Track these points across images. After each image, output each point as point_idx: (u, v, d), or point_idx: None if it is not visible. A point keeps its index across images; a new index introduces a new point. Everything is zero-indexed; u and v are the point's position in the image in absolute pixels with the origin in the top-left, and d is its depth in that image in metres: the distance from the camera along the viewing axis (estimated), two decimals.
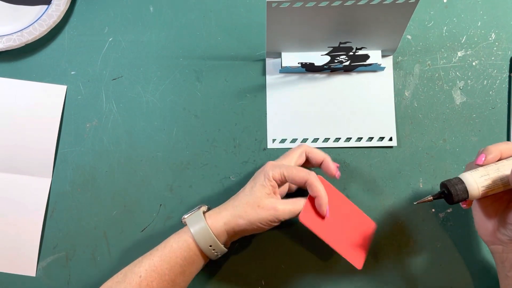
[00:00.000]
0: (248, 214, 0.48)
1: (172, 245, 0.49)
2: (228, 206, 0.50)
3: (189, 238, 0.49)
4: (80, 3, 0.62)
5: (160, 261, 0.48)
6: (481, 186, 0.44)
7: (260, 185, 0.49)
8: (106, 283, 0.49)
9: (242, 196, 0.50)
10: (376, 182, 0.58)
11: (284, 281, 0.57)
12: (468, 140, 0.58)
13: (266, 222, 0.48)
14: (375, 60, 0.57)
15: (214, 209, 0.51)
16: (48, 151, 0.59)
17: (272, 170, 0.49)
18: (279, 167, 0.49)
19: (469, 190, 0.45)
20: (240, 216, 0.48)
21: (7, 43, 0.58)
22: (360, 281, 0.56)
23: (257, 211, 0.48)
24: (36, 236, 0.58)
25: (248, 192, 0.49)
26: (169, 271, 0.48)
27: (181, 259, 0.48)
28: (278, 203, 0.48)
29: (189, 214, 0.51)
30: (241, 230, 0.49)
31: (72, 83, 0.60)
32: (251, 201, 0.48)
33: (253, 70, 0.60)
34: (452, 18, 0.60)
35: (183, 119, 0.59)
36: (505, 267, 0.48)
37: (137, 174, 0.59)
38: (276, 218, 0.48)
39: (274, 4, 0.48)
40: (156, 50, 0.61)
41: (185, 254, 0.48)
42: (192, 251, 0.49)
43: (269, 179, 0.49)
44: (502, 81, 0.59)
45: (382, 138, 0.58)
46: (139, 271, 0.48)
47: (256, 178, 0.50)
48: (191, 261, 0.49)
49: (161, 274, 0.48)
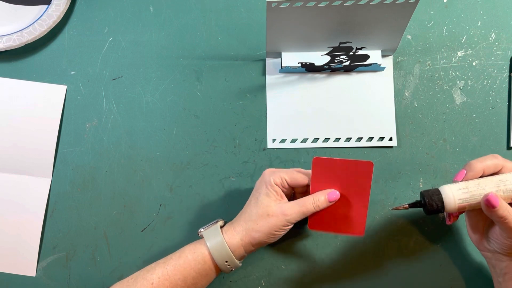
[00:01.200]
0: (260, 226, 0.48)
1: (187, 256, 0.49)
2: (240, 221, 0.50)
3: (205, 251, 0.48)
4: (80, 3, 0.62)
5: (174, 270, 0.48)
6: (458, 199, 0.44)
7: (264, 194, 0.49)
8: (116, 285, 0.49)
9: (250, 209, 0.50)
10: (376, 182, 0.58)
11: (284, 281, 0.57)
12: (468, 140, 0.58)
13: (279, 228, 0.48)
14: (375, 60, 0.57)
15: (229, 224, 0.51)
16: (48, 151, 0.59)
17: (271, 176, 0.49)
18: (278, 171, 0.49)
19: (446, 202, 0.45)
20: (253, 230, 0.48)
21: (7, 43, 0.58)
22: (360, 281, 0.56)
23: (268, 221, 0.48)
24: (36, 236, 0.58)
25: (254, 204, 0.49)
26: (182, 281, 0.48)
27: (195, 271, 0.48)
28: (286, 207, 0.48)
29: (206, 227, 0.51)
30: (258, 243, 0.49)
31: (72, 83, 0.60)
32: (260, 212, 0.48)
33: (253, 70, 0.60)
34: (452, 18, 0.60)
35: (183, 119, 0.59)
36: (497, 273, 0.49)
37: (137, 174, 0.59)
38: (287, 222, 0.48)
39: (274, 4, 0.48)
40: (156, 50, 0.61)
41: (199, 267, 0.48)
42: (207, 264, 0.49)
43: (271, 186, 0.48)
44: (502, 81, 0.59)
45: (382, 138, 0.58)
46: (151, 278, 0.48)
47: (258, 189, 0.50)
48: (204, 274, 0.49)
49: (174, 284, 0.48)
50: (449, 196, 0.45)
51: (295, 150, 0.59)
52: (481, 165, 0.45)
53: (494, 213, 0.43)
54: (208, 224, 0.52)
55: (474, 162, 0.46)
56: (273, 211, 0.48)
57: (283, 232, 0.49)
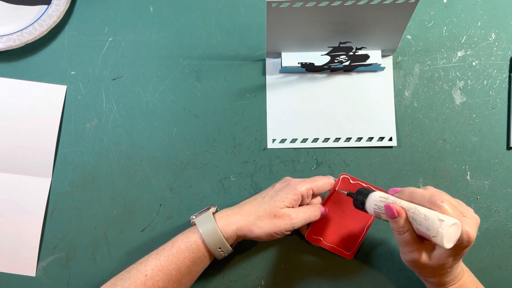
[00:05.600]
0: (264, 223, 0.48)
1: (180, 245, 0.49)
2: (242, 210, 0.50)
3: (198, 239, 0.49)
4: (80, 3, 0.62)
5: (167, 261, 0.48)
6: (373, 204, 0.46)
7: (283, 195, 0.49)
8: (110, 280, 0.49)
9: (259, 204, 0.50)
10: (376, 182, 0.58)
11: (284, 281, 0.57)
12: (468, 140, 0.58)
13: (281, 232, 0.49)
14: (375, 60, 0.57)
15: (225, 211, 0.51)
16: (48, 151, 0.59)
17: (298, 185, 0.50)
18: (304, 181, 0.51)
19: (367, 204, 0.47)
20: (255, 224, 0.49)
21: (7, 43, 0.58)
22: (360, 281, 0.56)
23: (272, 221, 0.48)
24: (36, 236, 0.58)
25: (267, 201, 0.50)
26: (176, 271, 0.48)
27: (189, 260, 0.48)
28: (292, 212, 0.49)
29: (198, 214, 0.51)
30: (253, 237, 0.49)
31: (72, 83, 0.60)
32: (269, 210, 0.49)
33: (253, 70, 0.60)
34: (452, 18, 0.60)
35: (183, 119, 0.59)
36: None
37: (137, 174, 0.59)
38: (291, 227, 0.49)
39: (274, 4, 0.48)
40: (156, 50, 0.61)
41: (193, 256, 0.48)
42: (200, 252, 0.49)
43: (295, 193, 0.49)
44: (502, 81, 0.59)
45: (382, 138, 0.58)
46: (145, 269, 0.48)
47: (278, 191, 0.50)
48: (198, 261, 0.49)
49: (168, 274, 0.48)
50: (369, 200, 0.47)
51: (295, 150, 0.59)
52: (416, 195, 0.44)
53: (391, 223, 0.44)
54: (199, 211, 0.52)
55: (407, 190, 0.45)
56: (281, 213, 0.49)
57: (281, 236, 0.50)
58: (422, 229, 0.42)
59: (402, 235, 0.43)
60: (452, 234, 0.40)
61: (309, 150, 0.59)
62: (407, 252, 0.44)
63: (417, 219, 0.42)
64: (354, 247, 0.55)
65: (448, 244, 0.40)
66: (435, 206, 0.42)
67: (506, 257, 0.57)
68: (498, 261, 0.57)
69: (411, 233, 0.43)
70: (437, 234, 0.40)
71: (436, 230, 0.40)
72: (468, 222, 0.42)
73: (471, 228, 0.41)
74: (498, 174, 0.58)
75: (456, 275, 0.46)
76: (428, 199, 0.42)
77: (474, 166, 0.58)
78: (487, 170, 0.58)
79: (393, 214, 0.43)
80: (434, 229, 0.40)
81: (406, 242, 0.44)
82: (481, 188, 0.58)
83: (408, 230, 0.43)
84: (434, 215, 0.41)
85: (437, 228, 0.40)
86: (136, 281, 0.47)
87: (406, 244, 0.44)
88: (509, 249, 0.57)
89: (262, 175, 0.58)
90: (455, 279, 0.46)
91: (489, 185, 0.58)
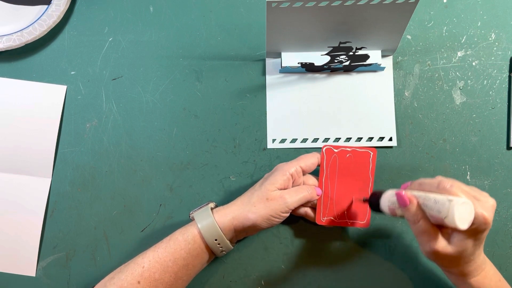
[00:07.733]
0: (258, 208, 0.49)
1: (177, 237, 0.49)
2: (237, 201, 0.51)
3: (195, 231, 0.49)
4: (80, 3, 0.62)
5: (164, 252, 0.48)
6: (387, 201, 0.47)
7: (272, 177, 0.50)
8: (109, 275, 0.49)
9: (251, 193, 0.51)
10: (376, 182, 0.58)
11: (284, 281, 0.57)
12: (468, 140, 0.58)
13: (277, 214, 0.49)
14: (375, 60, 0.57)
15: (222, 206, 0.52)
16: (48, 151, 0.59)
17: (286, 166, 0.51)
18: (291, 162, 0.52)
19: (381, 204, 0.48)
20: (249, 211, 0.49)
21: (7, 43, 0.58)
22: (360, 281, 0.56)
23: (266, 204, 0.49)
24: (36, 236, 0.58)
25: (257, 188, 0.51)
26: (172, 262, 0.48)
27: (185, 252, 0.48)
28: (284, 193, 0.50)
29: (197, 209, 0.52)
30: (251, 225, 0.49)
31: (72, 83, 0.60)
32: (261, 195, 0.49)
33: (253, 70, 0.60)
34: (452, 18, 0.60)
35: (183, 119, 0.59)
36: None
37: (137, 174, 0.59)
38: (286, 207, 0.49)
39: (274, 4, 0.48)
40: (156, 50, 0.61)
41: (189, 247, 0.49)
42: (197, 243, 0.49)
43: (283, 174, 0.50)
44: (502, 81, 0.59)
45: (382, 138, 0.58)
46: (142, 261, 0.48)
47: (266, 178, 0.51)
48: (195, 254, 0.49)
49: (164, 266, 0.48)
50: (383, 199, 0.47)
51: (295, 150, 0.59)
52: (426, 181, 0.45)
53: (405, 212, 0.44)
54: (199, 206, 0.53)
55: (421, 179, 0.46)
56: (273, 196, 0.49)
57: (279, 220, 0.50)
58: (434, 213, 0.41)
59: (418, 224, 0.43)
60: (464, 214, 0.39)
61: (309, 150, 0.59)
62: (426, 242, 0.44)
63: (428, 204, 0.42)
64: (367, 215, 0.54)
65: (461, 224, 0.39)
66: (444, 190, 0.42)
67: (506, 257, 0.57)
68: (498, 261, 0.57)
69: (425, 221, 0.43)
70: (448, 213, 0.39)
71: (446, 210, 0.40)
72: (482, 205, 0.41)
73: (487, 210, 0.41)
74: (498, 174, 0.58)
75: (480, 264, 0.45)
76: (437, 185, 0.43)
77: (474, 166, 0.58)
78: (487, 170, 0.58)
79: (404, 202, 0.43)
80: (444, 210, 0.40)
81: (423, 231, 0.43)
82: (481, 188, 0.57)
83: (422, 217, 0.43)
84: (443, 197, 0.41)
85: (447, 208, 0.39)
86: (133, 273, 0.48)
87: (423, 234, 0.43)
88: (509, 249, 0.57)
89: (262, 175, 0.58)
90: (478, 269, 0.46)
91: (489, 185, 0.58)
